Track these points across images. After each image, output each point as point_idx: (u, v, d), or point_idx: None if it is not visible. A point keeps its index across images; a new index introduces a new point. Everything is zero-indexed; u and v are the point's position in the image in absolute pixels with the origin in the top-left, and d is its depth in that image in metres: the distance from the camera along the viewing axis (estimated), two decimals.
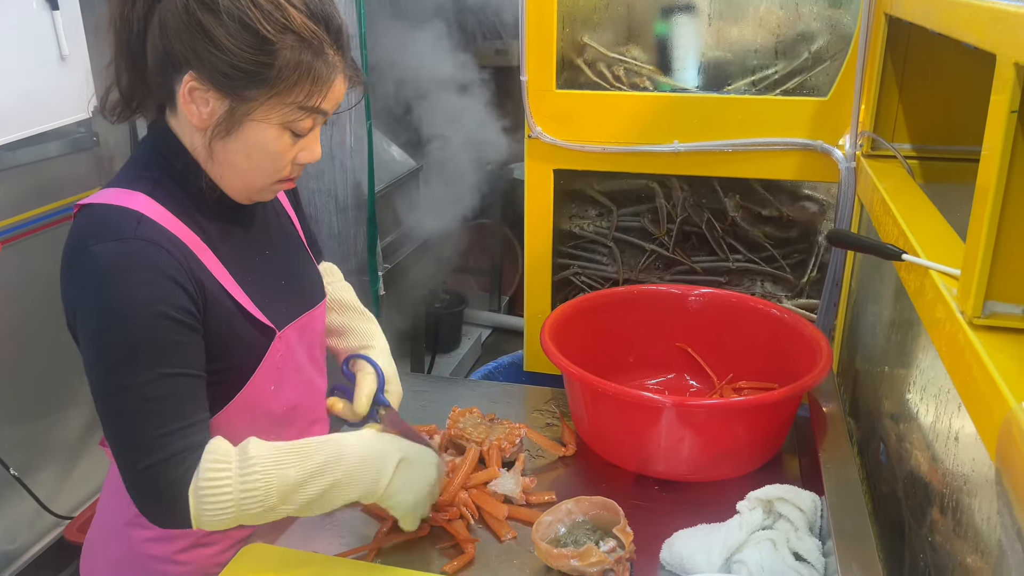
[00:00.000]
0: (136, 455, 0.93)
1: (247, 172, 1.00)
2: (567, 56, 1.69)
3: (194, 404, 0.97)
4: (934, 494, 0.94)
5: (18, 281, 2.05)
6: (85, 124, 2.22)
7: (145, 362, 0.93)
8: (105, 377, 0.94)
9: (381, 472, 1.02)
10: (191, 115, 0.96)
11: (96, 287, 0.92)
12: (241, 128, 0.96)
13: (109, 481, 1.16)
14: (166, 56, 0.94)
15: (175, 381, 0.95)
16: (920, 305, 0.93)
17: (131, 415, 0.93)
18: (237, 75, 0.92)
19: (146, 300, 0.93)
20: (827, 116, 1.52)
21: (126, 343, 0.93)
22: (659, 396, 1.23)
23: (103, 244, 0.92)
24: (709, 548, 1.00)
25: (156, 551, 1.11)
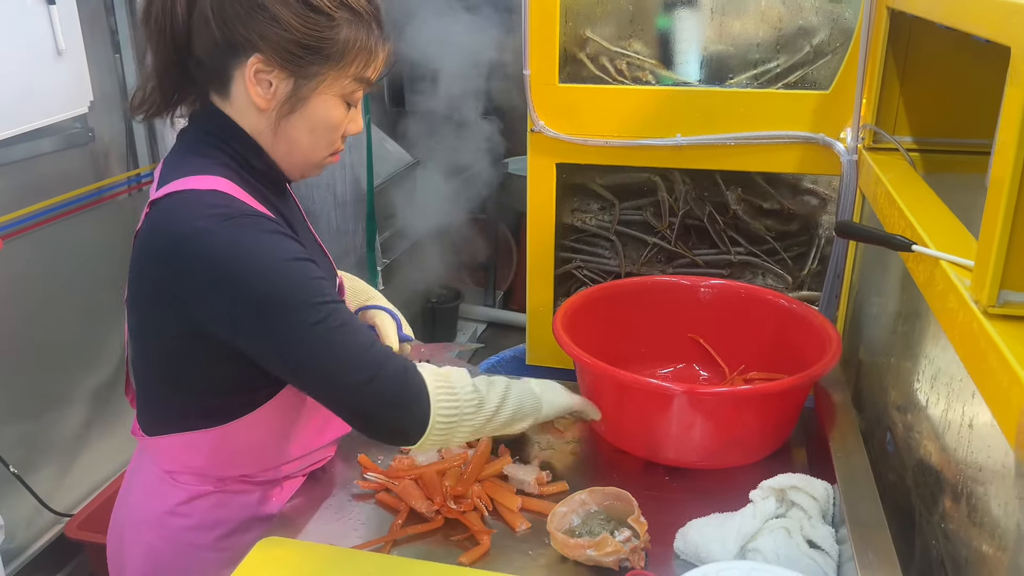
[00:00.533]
0: (361, 371, 0.97)
1: (308, 147, 1.05)
2: (569, 50, 1.69)
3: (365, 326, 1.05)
4: (946, 482, 0.96)
5: (14, 278, 2.04)
6: (81, 120, 2.21)
7: (314, 299, 0.96)
8: (293, 335, 0.95)
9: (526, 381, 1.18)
10: (256, 96, 0.99)
11: (232, 264, 0.94)
12: (306, 104, 1.01)
13: (140, 475, 1.17)
14: (226, 43, 0.97)
15: (343, 307, 1.00)
16: (930, 295, 0.94)
17: (335, 344, 0.97)
18: (304, 52, 0.97)
19: (283, 252, 0.96)
20: (829, 109, 1.53)
21: (291, 295, 0.95)
22: (674, 384, 1.24)
23: (217, 224, 0.94)
24: (724, 537, 1.01)
25: (196, 539, 1.13)
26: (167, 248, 0.97)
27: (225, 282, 0.95)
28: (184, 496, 1.13)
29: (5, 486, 2.01)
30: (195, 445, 1.10)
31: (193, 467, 1.12)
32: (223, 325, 0.98)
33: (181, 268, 0.96)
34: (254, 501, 1.16)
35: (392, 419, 1.01)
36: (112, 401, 2.44)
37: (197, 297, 0.97)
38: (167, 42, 1.00)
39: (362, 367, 0.98)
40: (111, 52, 2.33)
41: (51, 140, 2.15)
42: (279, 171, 1.08)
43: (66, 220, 2.20)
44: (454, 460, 1.23)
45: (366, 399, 0.99)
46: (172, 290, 0.98)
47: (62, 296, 2.21)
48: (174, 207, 0.97)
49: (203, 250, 0.94)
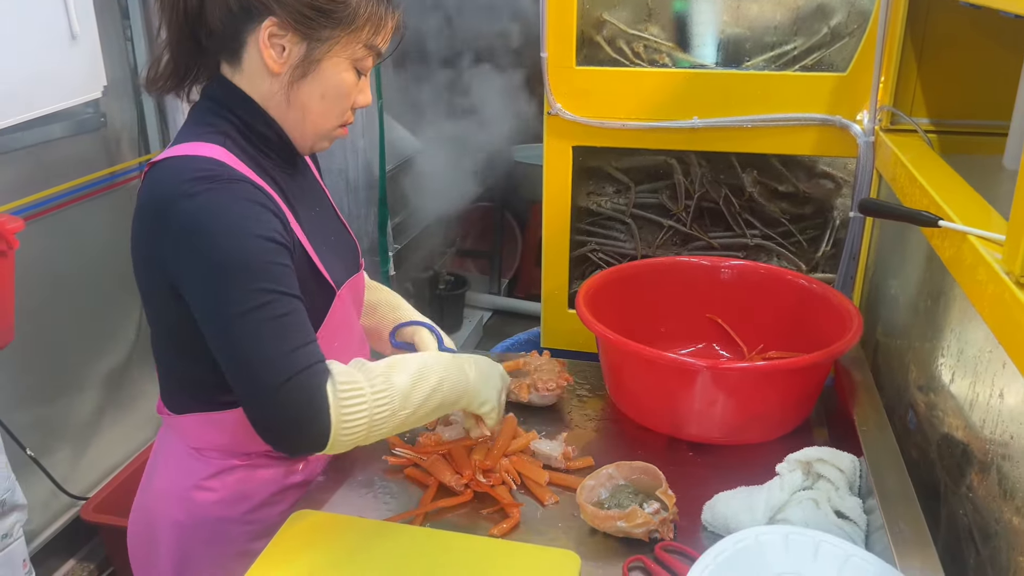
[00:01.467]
0: (273, 372, 0.94)
1: (319, 115, 1.06)
2: (587, 33, 1.70)
3: (308, 325, 1.00)
4: (973, 456, 0.97)
5: (28, 263, 2.04)
6: (93, 104, 2.21)
7: (263, 284, 0.95)
8: (229, 308, 0.95)
9: (463, 370, 1.11)
10: (269, 60, 1.01)
11: (204, 225, 0.94)
12: (318, 68, 1.03)
13: (166, 450, 1.19)
14: (241, 8, 0.99)
15: (292, 301, 0.98)
16: (957, 270, 0.95)
17: (260, 336, 0.95)
18: (317, 15, 0.99)
19: (252, 227, 0.96)
20: (845, 91, 1.54)
21: (242, 269, 0.95)
22: (698, 360, 1.25)
23: (199, 185, 0.95)
24: (752, 508, 1.03)
25: (223, 513, 1.14)
26: (154, 213, 0.98)
27: (193, 243, 0.95)
28: (210, 471, 1.14)
29: (22, 469, 2.01)
30: (219, 424, 1.11)
31: (218, 444, 1.14)
32: (185, 283, 0.98)
33: (166, 231, 0.97)
34: (279, 475, 1.18)
35: (289, 433, 0.97)
36: (126, 385, 2.45)
37: (174, 259, 0.98)
38: (180, 15, 1.02)
39: (276, 370, 0.95)
40: (123, 37, 2.33)
41: (63, 125, 2.15)
42: (289, 141, 1.09)
43: (79, 205, 2.20)
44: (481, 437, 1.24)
45: (269, 405, 0.96)
46: (160, 255, 0.99)
47: (75, 280, 2.22)
48: (164, 173, 0.98)
49: (181, 212, 0.95)
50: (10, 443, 1.92)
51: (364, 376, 1.01)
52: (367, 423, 0.99)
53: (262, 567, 0.99)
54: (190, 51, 1.06)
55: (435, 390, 1.06)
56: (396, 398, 1.02)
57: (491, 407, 1.16)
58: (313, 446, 0.98)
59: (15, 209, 1.98)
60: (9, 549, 1.48)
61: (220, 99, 1.06)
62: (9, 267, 1.54)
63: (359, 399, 0.99)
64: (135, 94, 2.39)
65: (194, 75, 1.09)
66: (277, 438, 0.99)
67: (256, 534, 1.14)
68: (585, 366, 1.54)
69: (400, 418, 1.03)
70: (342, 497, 1.18)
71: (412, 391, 1.04)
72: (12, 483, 1.47)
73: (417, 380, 1.05)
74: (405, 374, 1.04)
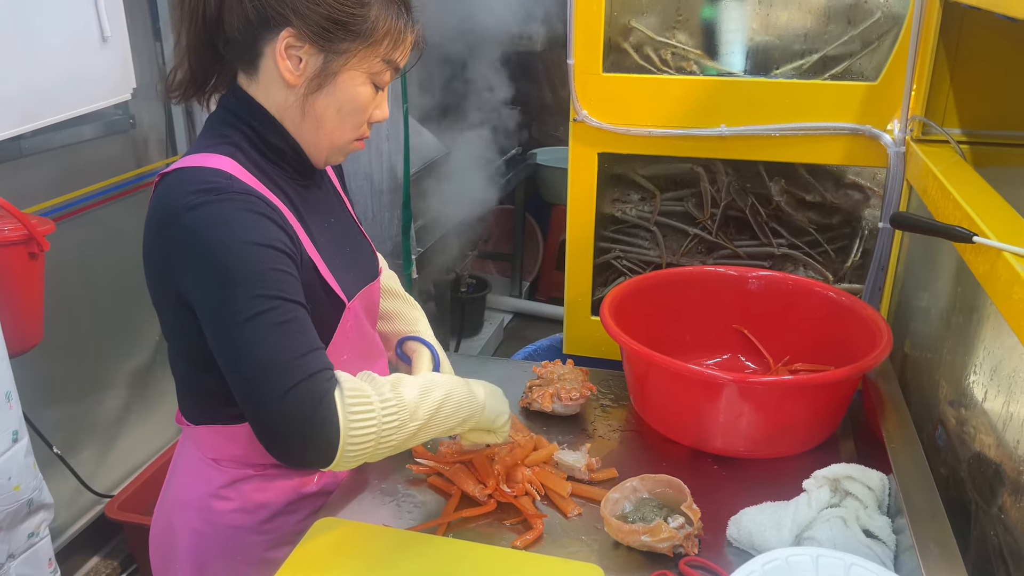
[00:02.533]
0: (278, 380, 0.92)
1: (334, 128, 1.05)
2: (614, 40, 1.69)
3: (313, 331, 0.99)
4: (1005, 475, 0.96)
5: (56, 263, 2.07)
6: (122, 107, 2.24)
7: (263, 290, 0.94)
8: (230, 316, 0.94)
9: (470, 387, 1.11)
10: (285, 72, 1.00)
11: (206, 235, 0.94)
12: (335, 81, 1.01)
13: (185, 460, 1.19)
14: (259, 18, 0.98)
15: (297, 309, 0.97)
16: (992, 287, 0.93)
17: (266, 343, 0.93)
18: (335, 28, 0.98)
19: (256, 237, 0.95)
20: (876, 100, 1.52)
21: (242, 276, 0.94)
22: (724, 373, 1.24)
23: (203, 197, 0.94)
24: (779, 525, 1.02)
25: (239, 522, 1.14)
26: (158, 227, 0.98)
27: (195, 254, 0.95)
28: (226, 479, 1.14)
29: (48, 467, 2.03)
30: (232, 437, 1.12)
31: (232, 456, 1.14)
32: (190, 294, 0.98)
33: (170, 238, 0.97)
34: (295, 485, 1.17)
35: (295, 445, 0.95)
36: (151, 385, 2.48)
37: (179, 272, 0.98)
38: (198, 23, 1.01)
39: (282, 376, 0.93)
40: (152, 39, 2.35)
41: (93, 127, 2.17)
42: (303, 154, 1.08)
43: (107, 206, 2.23)
44: (504, 447, 1.24)
45: (274, 415, 0.93)
46: (164, 267, 1.00)
47: (103, 281, 2.24)
48: (169, 186, 0.98)
49: (182, 225, 0.94)
50: (37, 441, 1.95)
51: (372, 387, 0.99)
52: (375, 435, 0.97)
53: (286, 574, 1.00)
54: (208, 59, 1.05)
55: (442, 404, 1.05)
56: (404, 410, 1.00)
57: (504, 420, 1.16)
58: (320, 458, 0.96)
59: (45, 210, 2.00)
60: (35, 548, 1.50)
61: (234, 110, 1.05)
62: (39, 269, 1.56)
63: (367, 409, 0.97)
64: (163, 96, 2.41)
65: (213, 84, 1.09)
66: (283, 450, 0.96)
67: (273, 543, 1.15)
68: (608, 375, 1.54)
69: (409, 431, 1.01)
70: (365, 506, 1.18)
71: (420, 404, 1.02)
72: (40, 483, 1.49)
73: (424, 393, 1.04)
74: (413, 388, 1.03)
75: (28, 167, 1.98)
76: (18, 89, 1.70)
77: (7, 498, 1.40)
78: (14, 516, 1.44)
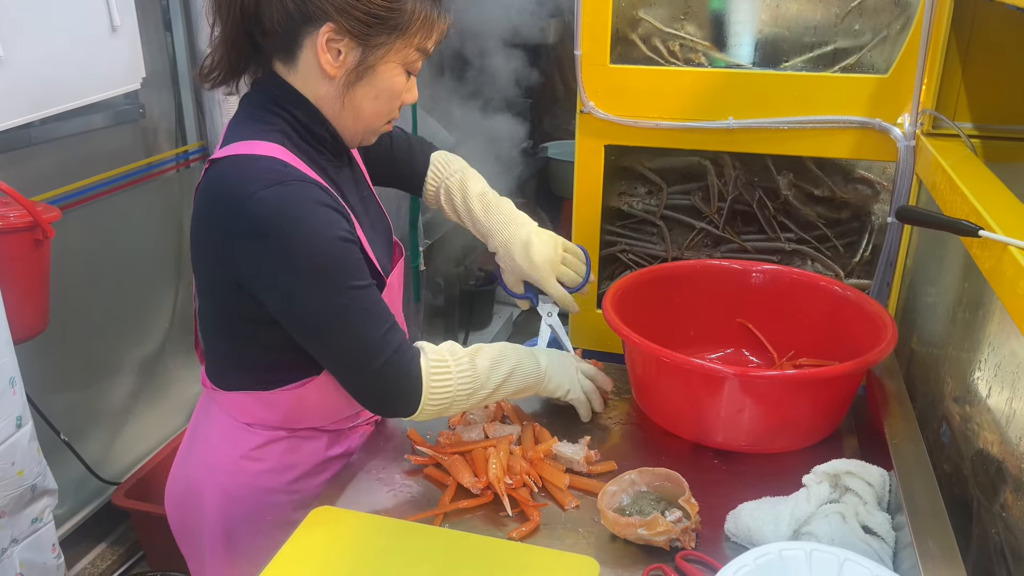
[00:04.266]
0: (371, 358, 1.05)
1: (370, 114, 1.11)
2: (621, 31, 1.68)
3: (387, 307, 1.10)
4: (1008, 473, 0.94)
5: (64, 251, 2.08)
6: (132, 96, 2.24)
7: (347, 282, 1.03)
8: (320, 309, 1.02)
9: (536, 359, 1.24)
10: (325, 64, 1.04)
11: (276, 229, 0.98)
12: (373, 72, 1.06)
13: (211, 420, 1.23)
14: (300, 13, 1.01)
15: (372, 291, 1.07)
16: (997, 282, 0.92)
17: (356, 327, 1.04)
18: (373, 22, 1.02)
19: (328, 228, 1.01)
20: (886, 94, 1.50)
21: (327, 272, 1.01)
22: (726, 367, 1.23)
23: (267, 189, 0.98)
24: (777, 520, 1.01)
25: (269, 483, 1.20)
26: (222, 211, 1.01)
27: (270, 246, 0.99)
28: (258, 441, 1.19)
29: (55, 453, 2.05)
30: (268, 402, 1.16)
31: (265, 420, 1.19)
32: (263, 286, 1.03)
33: (234, 230, 1.00)
34: (323, 446, 1.23)
35: (387, 402, 1.12)
36: (160, 372, 2.49)
37: (246, 257, 1.01)
38: (236, 14, 1.04)
39: (372, 356, 1.05)
40: (162, 29, 2.36)
41: (103, 116, 2.18)
42: (339, 138, 1.13)
43: (116, 195, 2.24)
44: (502, 439, 1.23)
45: (370, 381, 1.08)
46: (225, 251, 1.03)
47: (111, 269, 2.25)
48: (230, 171, 1.02)
49: (251, 214, 0.98)
50: (44, 427, 1.97)
51: (452, 358, 1.13)
52: (451, 398, 1.12)
53: (281, 563, 1.00)
54: (244, 49, 1.08)
55: (509, 377, 1.18)
56: (476, 380, 1.14)
57: (565, 391, 1.28)
58: (405, 411, 1.11)
59: (54, 198, 2.01)
60: (39, 533, 1.51)
61: (274, 96, 1.08)
62: (45, 256, 1.57)
63: (446, 378, 1.11)
64: (173, 86, 2.42)
65: (245, 69, 1.13)
66: (375, 406, 1.14)
67: (298, 504, 1.20)
68: (611, 368, 1.52)
69: (479, 397, 1.16)
70: (362, 495, 1.18)
71: (490, 375, 1.15)
72: (43, 468, 1.50)
73: (495, 365, 1.16)
74: (487, 359, 1.16)
75: (37, 155, 1.99)
76: (28, 78, 1.71)
77: (11, 483, 1.41)
78: (18, 501, 1.45)
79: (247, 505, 1.19)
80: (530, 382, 1.22)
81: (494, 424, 1.28)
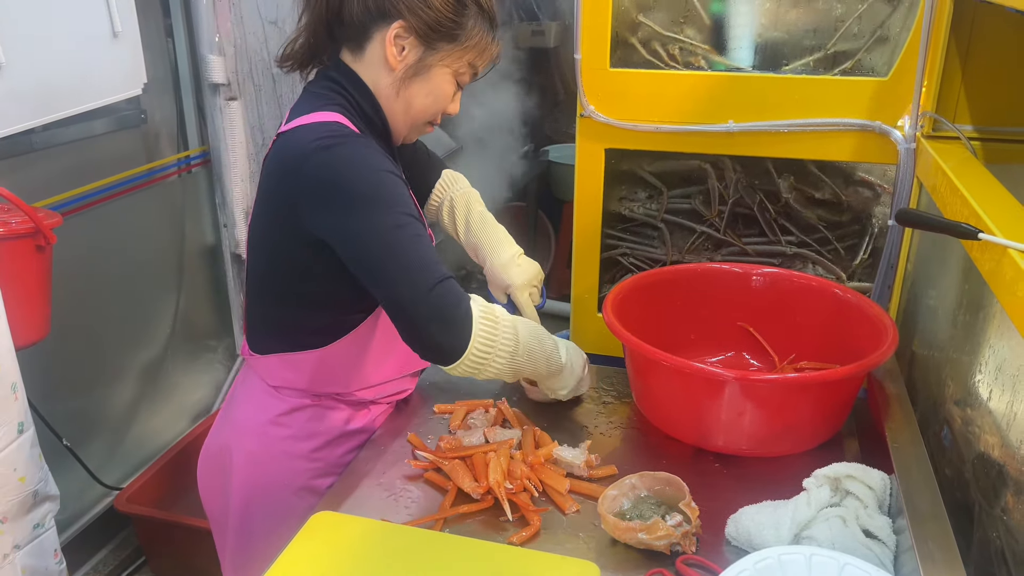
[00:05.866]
0: (426, 278, 1.09)
1: (419, 110, 1.23)
2: (621, 34, 1.68)
3: None
4: (1009, 476, 0.94)
5: (68, 257, 2.08)
6: (134, 102, 2.25)
7: (402, 208, 1.11)
8: (379, 229, 1.10)
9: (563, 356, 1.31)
10: (390, 56, 1.18)
11: (340, 168, 1.10)
12: (428, 73, 1.20)
13: (247, 387, 1.34)
14: (377, 9, 1.16)
15: (421, 225, 1.14)
16: (997, 285, 0.92)
17: (412, 248, 1.10)
18: (438, 28, 1.16)
19: (384, 165, 1.13)
20: (886, 97, 1.50)
21: (385, 198, 1.11)
22: (726, 370, 1.23)
23: (330, 139, 1.11)
24: (777, 524, 1.01)
25: (293, 449, 1.28)
26: (291, 164, 1.13)
27: (336, 183, 1.10)
28: (285, 408, 1.28)
29: (58, 459, 2.05)
30: (297, 364, 1.26)
31: (294, 383, 1.28)
32: (325, 224, 1.12)
33: (301, 178, 1.12)
34: (343, 418, 1.31)
35: (437, 334, 1.10)
36: (162, 378, 2.49)
37: (310, 201, 1.12)
38: (322, 6, 1.19)
39: (427, 275, 1.09)
40: (163, 34, 2.37)
41: (104, 121, 2.19)
42: (388, 128, 1.25)
43: (118, 200, 2.24)
44: (503, 444, 1.23)
45: (422, 307, 1.09)
46: (291, 199, 1.13)
47: (114, 275, 2.26)
48: (297, 134, 1.14)
49: (318, 161, 1.10)
50: (46, 433, 1.97)
51: (500, 313, 1.18)
52: (493, 351, 1.14)
53: (283, 566, 1.00)
54: (322, 36, 1.23)
55: (543, 357, 1.23)
56: (519, 342, 1.18)
57: (565, 392, 1.35)
58: (452, 350, 1.11)
59: (56, 204, 2.02)
60: (41, 539, 1.51)
61: (337, 79, 1.21)
62: (47, 262, 1.57)
63: (493, 326, 1.14)
64: (175, 91, 2.43)
65: (318, 56, 1.26)
66: (424, 337, 1.11)
67: (318, 472, 1.29)
68: (612, 371, 1.53)
69: (515, 363, 1.18)
70: (363, 499, 1.18)
71: (529, 344, 1.20)
72: (45, 473, 1.50)
73: (534, 338, 1.22)
74: (527, 329, 1.21)
75: (39, 161, 2.00)
76: (29, 84, 1.72)
77: (12, 489, 1.41)
78: (19, 507, 1.45)
79: (271, 469, 1.27)
80: (552, 370, 1.28)
81: (494, 428, 1.28)
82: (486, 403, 1.39)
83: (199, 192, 2.57)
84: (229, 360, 2.79)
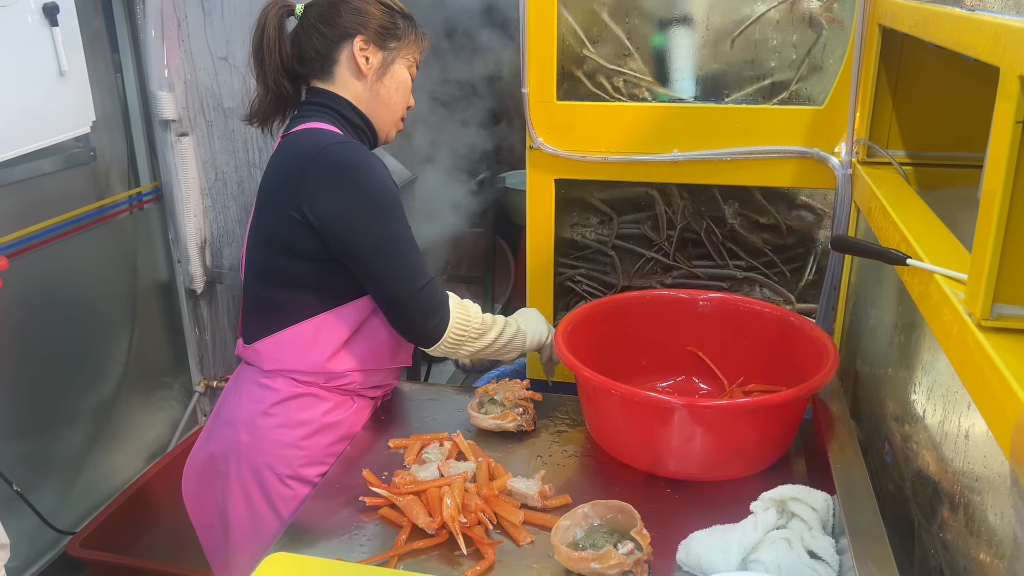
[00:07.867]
0: (417, 278, 1.32)
1: (396, 103, 1.45)
2: (567, 68, 1.72)
3: None
4: (944, 492, 0.97)
5: (17, 297, 2.05)
6: (83, 140, 2.23)
7: (400, 215, 1.31)
8: (385, 228, 1.30)
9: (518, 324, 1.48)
10: (361, 66, 1.38)
11: (355, 163, 1.29)
12: (391, 69, 1.42)
13: (240, 384, 1.44)
14: (336, 34, 1.37)
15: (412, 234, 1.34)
16: (925, 308, 0.95)
17: (406, 251, 1.32)
18: (384, 31, 1.40)
19: (384, 171, 1.31)
20: (823, 124, 1.55)
21: (391, 202, 1.31)
22: (674, 397, 1.25)
23: (337, 144, 1.29)
24: (726, 548, 1.02)
25: (282, 437, 1.38)
26: (299, 160, 1.30)
27: (350, 174, 1.28)
28: (275, 399, 1.39)
29: (8, 504, 2.01)
30: (286, 342, 1.37)
31: (284, 363, 1.38)
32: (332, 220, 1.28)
33: (310, 172, 1.27)
34: (328, 407, 1.41)
35: (422, 324, 1.34)
36: (115, 418, 2.45)
37: (321, 197, 1.27)
38: (276, 60, 1.38)
39: (419, 276, 1.32)
40: (112, 71, 2.35)
41: (53, 160, 2.16)
42: (374, 132, 1.44)
43: (68, 239, 2.21)
44: (456, 477, 1.24)
45: (412, 304, 1.32)
46: (299, 191, 1.28)
47: (64, 314, 2.22)
48: (302, 137, 1.33)
49: (328, 160, 1.28)
50: None
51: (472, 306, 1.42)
52: (466, 334, 1.38)
53: None
54: (288, 82, 1.41)
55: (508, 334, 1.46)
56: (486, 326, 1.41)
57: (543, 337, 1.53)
58: (434, 333, 1.35)
59: (3, 245, 1.99)
60: None
61: (321, 102, 1.39)
62: None
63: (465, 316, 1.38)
64: (125, 127, 2.42)
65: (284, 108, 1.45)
66: (412, 326, 1.35)
67: (307, 460, 1.39)
68: (567, 399, 1.54)
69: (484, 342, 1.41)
70: (317, 538, 1.18)
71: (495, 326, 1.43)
72: None
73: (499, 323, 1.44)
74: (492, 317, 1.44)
75: None
76: None
77: None
78: None
79: (261, 457, 1.37)
80: (517, 342, 1.47)
81: (449, 462, 1.29)
82: (441, 436, 1.40)
83: (151, 228, 2.55)
84: (185, 397, 2.75)
